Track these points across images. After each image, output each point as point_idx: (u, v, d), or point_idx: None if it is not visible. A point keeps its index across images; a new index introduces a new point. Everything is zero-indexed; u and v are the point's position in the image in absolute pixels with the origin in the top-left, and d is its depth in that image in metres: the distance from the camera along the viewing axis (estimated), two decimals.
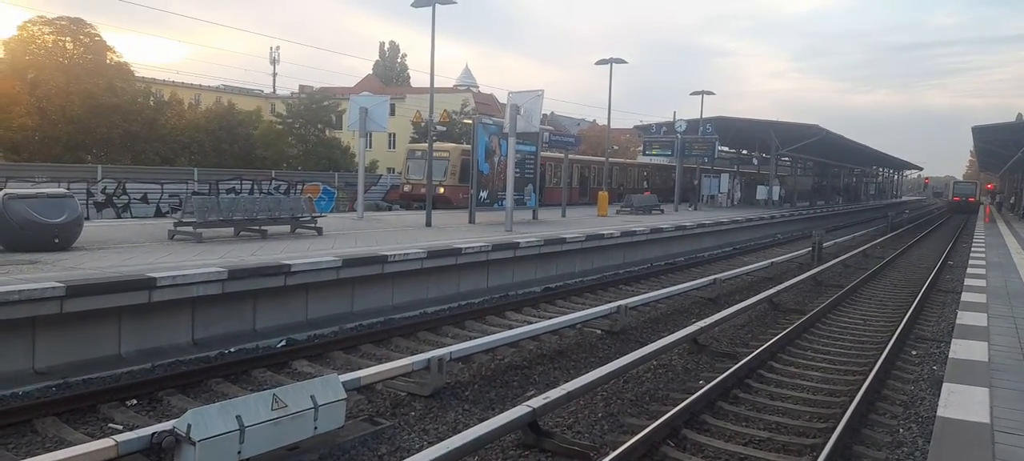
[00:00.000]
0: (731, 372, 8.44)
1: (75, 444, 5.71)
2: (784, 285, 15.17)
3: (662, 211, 30.33)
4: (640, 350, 8.79)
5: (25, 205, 10.80)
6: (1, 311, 7.46)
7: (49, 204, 11.09)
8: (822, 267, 18.97)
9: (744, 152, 55.79)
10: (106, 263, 9.89)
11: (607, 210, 27.11)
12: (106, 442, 5.25)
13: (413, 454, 5.72)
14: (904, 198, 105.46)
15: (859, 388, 7.91)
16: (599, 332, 11.23)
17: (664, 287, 14.99)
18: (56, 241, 10.94)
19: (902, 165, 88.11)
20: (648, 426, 6.53)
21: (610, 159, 35.80)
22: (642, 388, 8.46)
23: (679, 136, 35.16)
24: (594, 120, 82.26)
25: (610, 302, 12.50)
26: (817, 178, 62.40)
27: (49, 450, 5.66)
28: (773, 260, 20.11)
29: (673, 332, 10.17)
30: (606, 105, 31.91)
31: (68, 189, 18.72)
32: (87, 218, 18.69)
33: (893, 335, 10.79)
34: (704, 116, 37.70)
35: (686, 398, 7.42)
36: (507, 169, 19.01)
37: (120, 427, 6.55)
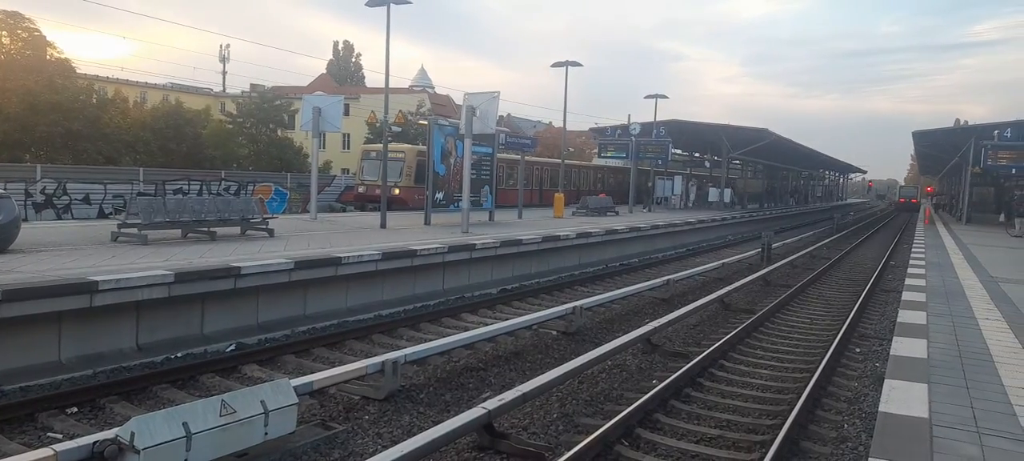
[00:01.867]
0: (683, 371, 8.58)
1: (12, 455, 5.46)
2: (735, 285, 15.49)
3: (617, 213, 30.68)
4: (595, 350, 8.87)
5: None
6: None
7: None
8: (771, 268, 19.44)
9: (697, 155, 56.85)
10: (45, 266, 9.52)
11: (563, 212, 27.28)
12: (45, 452, 5.03)
13: (367, 458, 5.66)
14: (849, 200, 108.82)
15: (806, 385, 8.13)
16: (555, 333, 11.28)
17: (619, 288, 15.16)
18: None
19: (847, 168, 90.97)
20: (602, 426, 6.59)
21: (566, 161, 36.03)
22: (597, 388, 8.53)
23: (633, 139, 35.61)
24: (550, 122, 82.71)
25: (566, 303, 12.57)
26: (767, 181, 63.94)
27: None
28: (724, 261, 20.53)
29: (627, 332, 10.28)
30: (562, 107, 32.15)
31: (4, 189, 17.97)
32: (25, 220, 17.97)
33: (838, 333, 11.12)
34: (658, 119, 38.26)
35: (640, 397, 7.51)
36: (463, 170, 18.96)
37: (60, 436, 6.30)
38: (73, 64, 35.26)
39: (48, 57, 33.18)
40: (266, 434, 5.95)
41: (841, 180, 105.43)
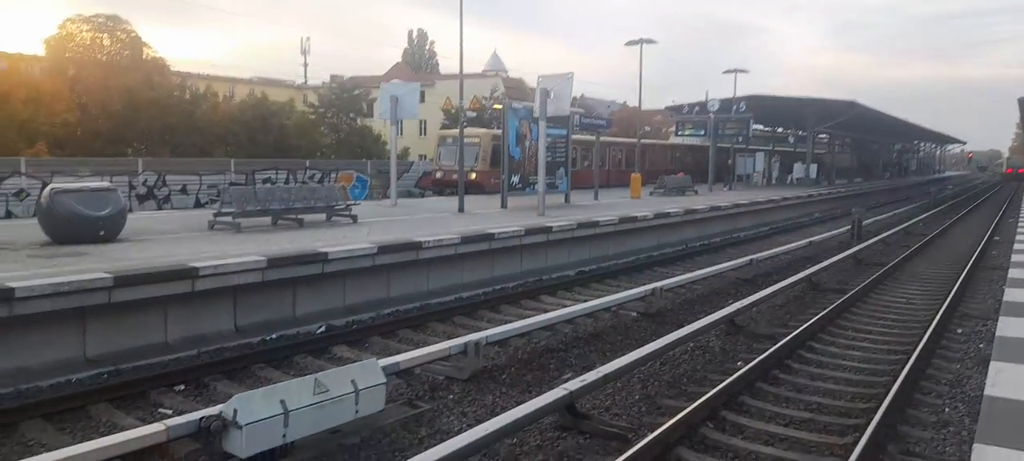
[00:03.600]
0: (770, 353, 8.36)
1: (128, 429, 5.90)
2: (823, 264, 14.91)
3: (696, 192, 30.00)
4: (677, 332, 8.75)
5: (71, 199, 11.11)
6: (53, 302, 7.72)
7: (94, 198, 11.39)
8: (862, 245, 18.59)
9: (780, 130, 54.76)
10: (150, 254, 10.14)
11: (640, 192, 26.91)
12: (157, 427, 5.42)
13: (452, 436, 5.80)
14: (947, 173, 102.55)
15: (903, 367, 7.77)
16: (634, 314, 11.20)
17: (700, 268, 14.86)
18: (101, 233, 11.24)
19: (944, 139, 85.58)
20: (686, 407, 6.51)
21: (642, 140, 35.45)
22: (679, 370, 8.43)
23: (712, 115, 34.66)
24: (625, 102, 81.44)
25: (645, 284, 12.44)
26: (855, 155, 61.01)
27: (103, 434, 5.85)
28: (811, 239, 19.78)
29: (710, 313, 10.09)
30: (637, 86, 31.59)
31: (111, 182, 19.21)
32: (130, 210, 19.18)
33: (937, 313, 10.54)
34: (738, 95, 37.07)
35: (724, 379, 7.37)
36: (538, 153, 18.97)
37: (170, 412, 6.75)
38: (167, 62, 37.21)
39: (144, 57, 35.11)
40: (357, 412, 6.17)
41: (937, 152, 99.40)
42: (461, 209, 18.92)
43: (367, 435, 6.23)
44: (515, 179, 20.59)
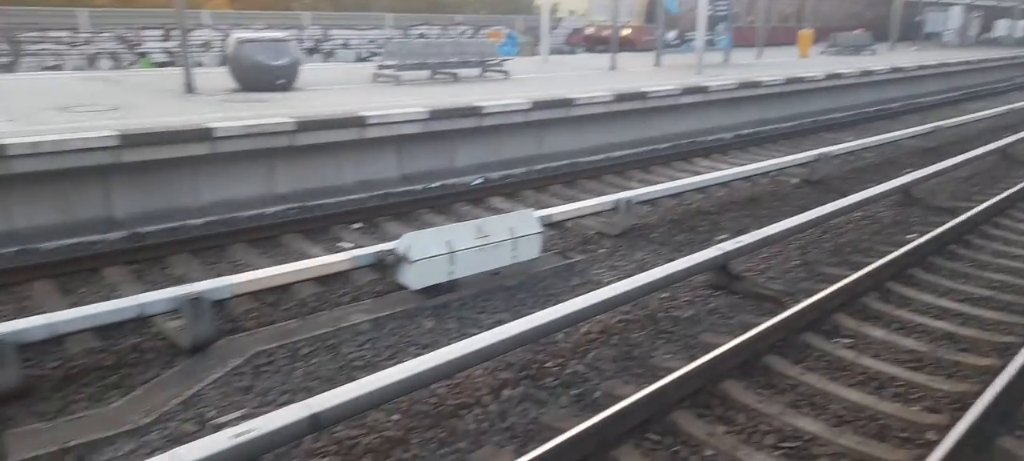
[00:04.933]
0: (949, 226, 7.75)
1: (317, 257, 6.66)
2: (1022, 134, 13.24)
3: (874, 51, 27.12)
4: (842, 200, 8.29)
5: (254, 48, 12.03)
6: (247, 142, 8.61)
7: (273, 48, 12.26)
8: None
9: None
10: (322, 102, 10.89)
11: (809, 50, 24.77)
12: (343, 256, 6.07)
13: (603, 285, 6.02)
14: None
15: None
16: (796, 181, 10.69)
17: (873, 135, 13.72)
18: (279, 82, 12.16)
19: None
20: (849, 276, 6.28)
21: None
22: (843, 239, 8.06)
23: None
24: None
25: (810, 150, 11.73)
26: None
27: (297, 259, 6.64)
28: (1012, 106, 17.49)
29: (881, 183, 9.41)
30: None
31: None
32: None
33: None
34: None
35: (894, 251, 6.98)
36: (698, 6, 17.82)
37: (350, 245, 7.48)
38: None
39: None
40: (514, 257, 6.53)
41: None
42: (613, 67, 18.44)
43: (523, 280, 6.60)
44: (671, 35, 19.61)
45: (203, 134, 8.32)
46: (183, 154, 8.22)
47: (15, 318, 4.82)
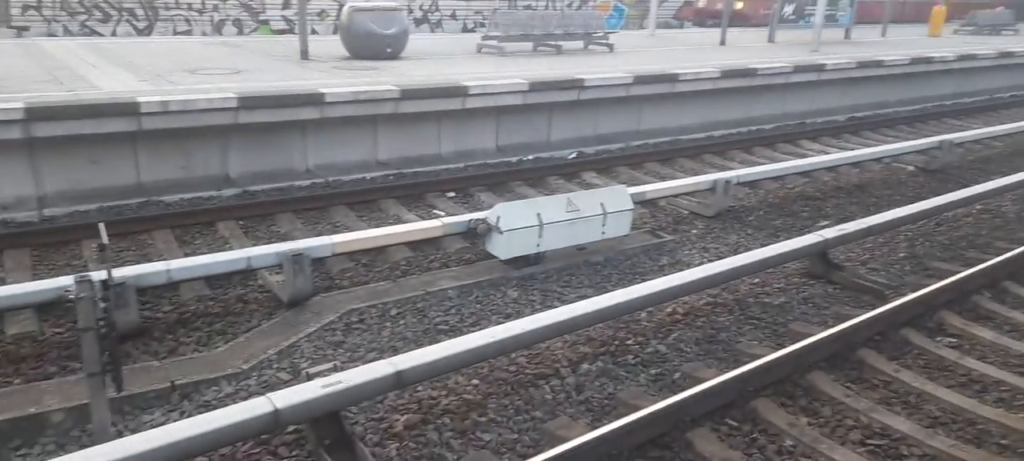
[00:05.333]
0: None
1: (411, 222, 6.92)
2: None
3: (1017, 31, 24.76)
4: (961, 191, 7.75)
5: (366, 17, 12.45)
6: (353, 108, 8.99)
7: (384, 17, 12.63)
8: None
9: None
10: (427, 72, 11.16)
11: (942, 29, 22.93)
12: (435, 223, 6.29)
13: (693, 266, 5.94)
14: None
15: None
16: (912, 168, 10.03)
17: (1006, 123, 12.62)
18: (388, 50, 12.54)
19: None
20: (960, 273, 5.89)
21: None
22: (959, 232, 7.54)
23: None
24: None
25: (931, 136, 10.96)
26: None
27: (392, 224, 6.93)
28: None
29: (1008, 176, 8.69)
30: None
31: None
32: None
33: None
34: None
35: (1015, 248, 6.47)
36: None
37: (443, 213, 7.72)
38: None
39: None
40: (603, 233, 6.51)
41: None
42: (723, 42, 17.79)
43: (610, 256, 6.60)
44: (788, 10, 18.69)
45: (315, 99, 8.75)
46: (295, 118, 8.69)
47: (137, 263, 5.31)
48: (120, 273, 4.75)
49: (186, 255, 6.26)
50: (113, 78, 9.34)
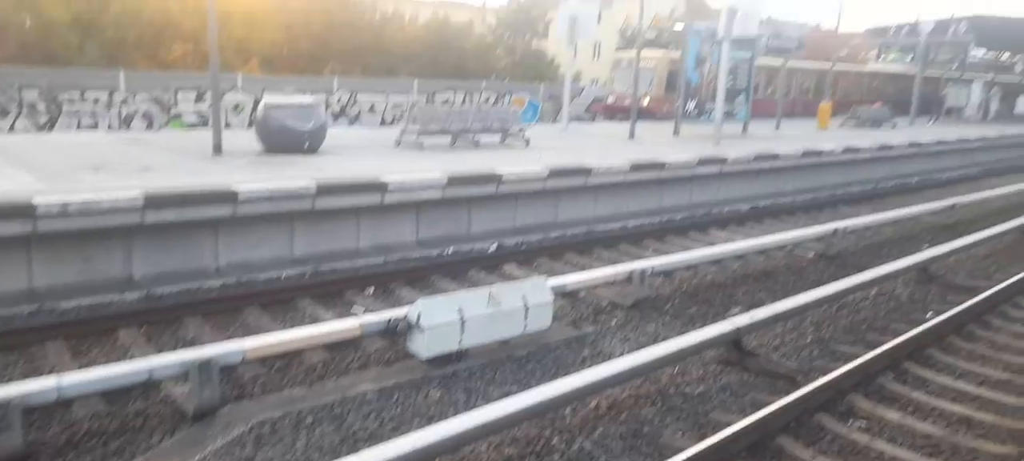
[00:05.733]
0: (968, 306, 7.64)
1: (327, 322, 6.71)
2: None
3: (894, 125, 27.16)
4: (858, 275, 8.23)
5: (281, 113, 12.38)
6: (269, 205, 8.79)
7: (301, 112, 12.59)
8: None
9: (1006, 57, 47.56)
10: (345, 167, 11.10)
11: (829, 123, 24.89)
12: (353, 322, 6.12)
13: (614, 358, 5.98)
14: None
15: None
16: (812, 255, 10.62)
17: (890, 210, 13.64)
18: (305, 146, 12.45)
19: None
20: (864, 355, 6.19)
21: (836, 66, 32.43)
22: (859, 316, 7.96)
23: (923, 39, 30.83)
24: (818, 24, 74.35)
25: (826, 224, 11.68)
26: None
27: (308, 324, 6.70)
28: None
29: (899, 259, 9.33)
30: (834, 6, 28.71)
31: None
32: None
33: None
34: (957, 15, 32.55)
35: (911, 329, 6.88)
36: (719, 78, 18.08)
37: (362, 310, 7.53)
38: None
39: None
40: (525, 326, 6.51)
41: None
42: (632, 135, 18.65)
43: (533, 350, 6.57)
44: (690, 105, 19.86)
45: (227, 196, 8.52)
46: (206, 216, 8.41)
47: (24, 379, 4.89)
48: (3, 391, 4.35)
49: (80, 367, 5.81)
50: (8, 178, 8.82)
